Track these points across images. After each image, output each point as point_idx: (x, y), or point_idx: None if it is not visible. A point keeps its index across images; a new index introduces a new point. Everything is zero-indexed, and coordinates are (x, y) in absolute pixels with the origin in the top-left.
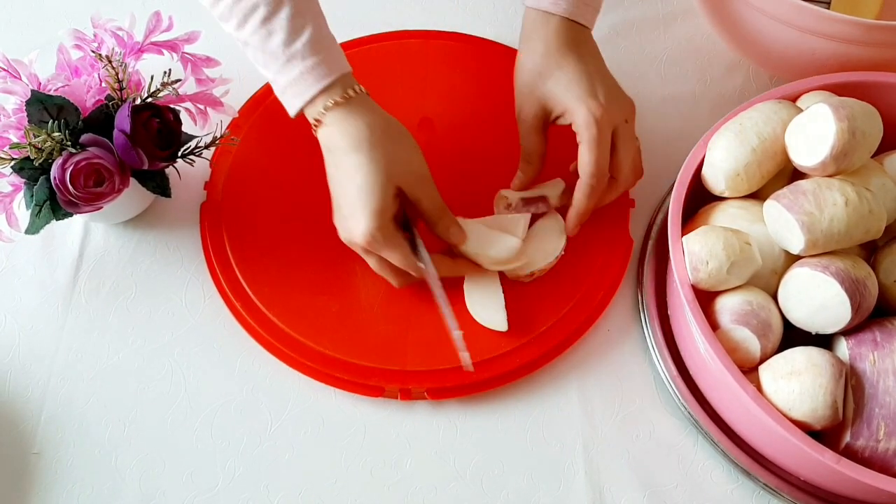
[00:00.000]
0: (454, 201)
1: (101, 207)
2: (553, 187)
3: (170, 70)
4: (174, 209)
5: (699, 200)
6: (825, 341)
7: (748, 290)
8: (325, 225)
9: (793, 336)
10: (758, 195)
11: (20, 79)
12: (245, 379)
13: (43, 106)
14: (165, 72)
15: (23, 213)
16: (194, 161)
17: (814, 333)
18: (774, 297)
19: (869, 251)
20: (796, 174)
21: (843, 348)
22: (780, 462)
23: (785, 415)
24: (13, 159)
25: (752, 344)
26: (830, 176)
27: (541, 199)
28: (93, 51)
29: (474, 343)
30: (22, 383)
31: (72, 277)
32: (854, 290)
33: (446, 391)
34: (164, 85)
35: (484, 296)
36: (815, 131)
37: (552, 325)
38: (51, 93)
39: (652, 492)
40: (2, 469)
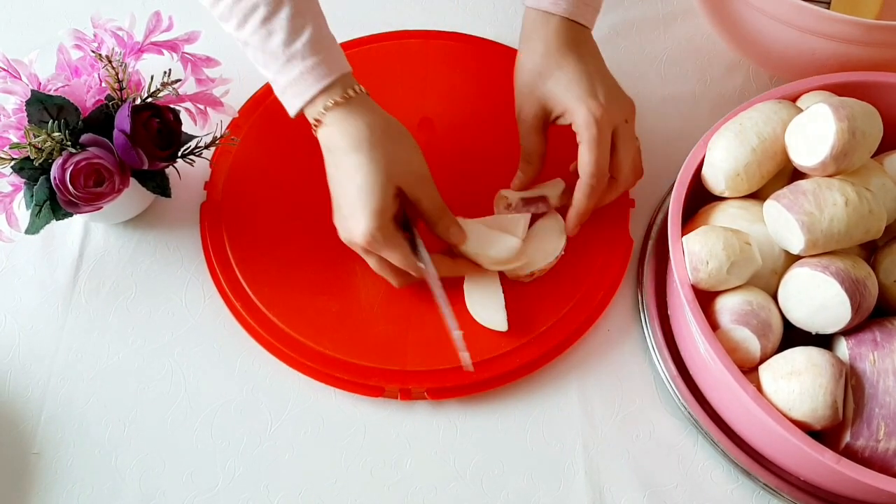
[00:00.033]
0: (454, 201)
1: (101, 207)
2: (553, 187)
3: (170, 70)
4: (174, 209)
5: (699, 200)
6: (825, 341)
7: (748, 290)
8: (325, 225)
9: (793, 336)
10: (758, 195)
11: (20, 79)
12: (245, 379)
13: (43, 106)
14: (165, 72)
15: (23, 213)
16: (194, 161)
17: (814, 333)
18: (774, 297)
19: (869, 251)
20: (796, 174)
21: (843, 348)
22: (780, 462)
23: (785, 415)
24: (13, 159)
25: (752, 344)
26: (830, 176)
27: (541, 199)
28: (93, 51)
29: (474, 343)
30: (22, 383)
31: (72, 277)
32: (854, 290)
33: (446, 391)
34: (164, 85)
35: (484, 296)
36: (815, 131)
37: (552, 325)
38: (51, 93)
39: (652, 492)
40: (2, 469)
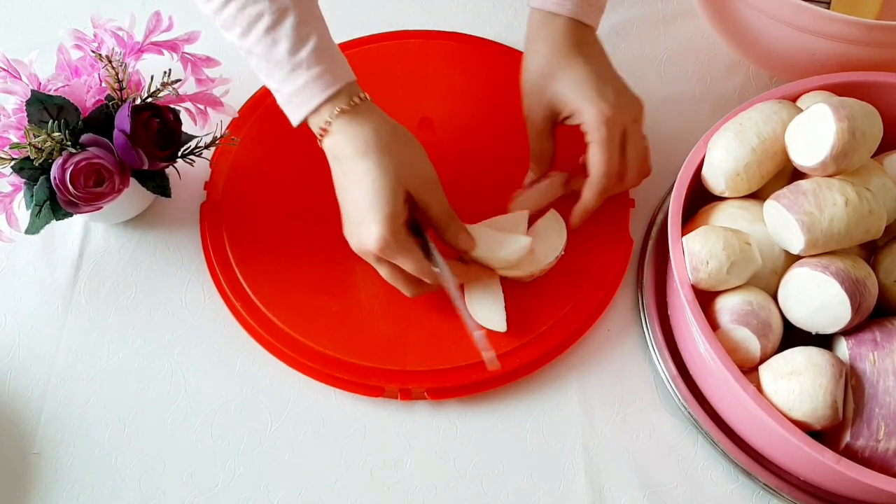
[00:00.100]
0: (454, 201)
1: (101, 207)
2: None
3: (170, 70)
4: (174, 209)
5: (699, 200)
6: (825, 341)
7: (748, 290)
8: (325, 225)
9: (793, 336)
10: (758, 195)
11: (20, 79)
12: (245, 379)
13: (43, 106)
14: (165, 72)
15: (23, 213)
16: (194, 161)
17: (814, 333)
18: (774, 297)
19: (869, 251)
20: (796, 174)
21: (843, 348)
22: (780, 462)
23: (785, 415)
24: (13, 159)
25: (752, 344)
26: (830, 176)
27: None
28: (93, 51)
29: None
30: (22, 383)
31: (72, 277)
32: (854, 290)
33: (446, 391)
34: (164, 85)
35: (484, 296)
36: (815, 131)
37: (552, 326)
38: (51, 93)
39: (652, 492)
40: (2, 469)
